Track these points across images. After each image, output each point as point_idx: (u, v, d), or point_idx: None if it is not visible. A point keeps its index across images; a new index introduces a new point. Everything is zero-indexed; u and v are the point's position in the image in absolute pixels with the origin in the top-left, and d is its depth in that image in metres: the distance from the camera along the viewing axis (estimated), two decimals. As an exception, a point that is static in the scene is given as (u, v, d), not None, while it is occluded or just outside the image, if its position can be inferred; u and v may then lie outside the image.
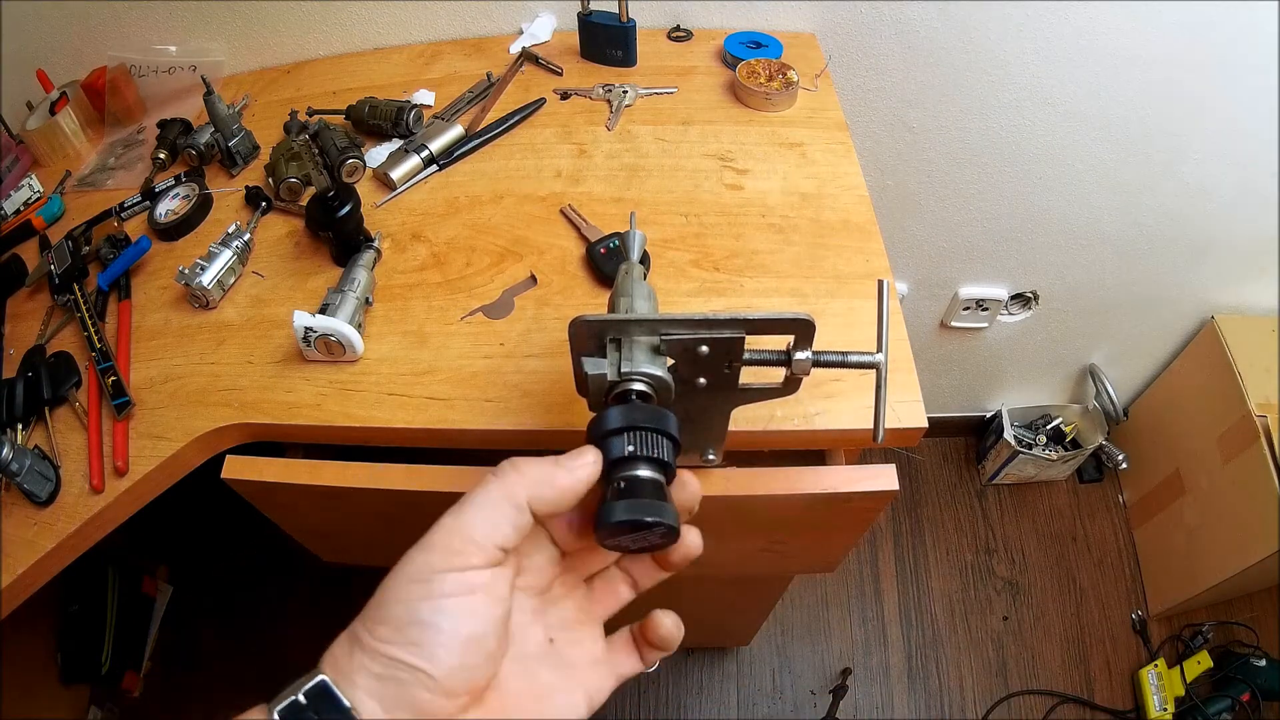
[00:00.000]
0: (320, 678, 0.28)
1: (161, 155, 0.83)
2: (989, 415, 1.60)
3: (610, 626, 0.38)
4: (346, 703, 0.27)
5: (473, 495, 0.31)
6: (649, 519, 0.31)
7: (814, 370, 0.42)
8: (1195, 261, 1.19)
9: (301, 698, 0.27)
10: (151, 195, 0.80)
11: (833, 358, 0.43)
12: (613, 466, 0.33)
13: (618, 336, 0.39)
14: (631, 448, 0.33)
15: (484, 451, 0.57)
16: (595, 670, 0.35)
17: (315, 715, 0.27)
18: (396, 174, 0.76)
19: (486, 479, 0.31)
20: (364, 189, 0.78)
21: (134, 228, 0.79)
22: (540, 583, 0.35)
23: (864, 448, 0.63)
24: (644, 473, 0.33)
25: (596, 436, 0.34)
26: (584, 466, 0.32)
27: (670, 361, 0.39)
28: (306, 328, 0.60)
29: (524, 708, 0.32)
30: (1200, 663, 1.36)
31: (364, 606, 0.29)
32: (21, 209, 0.82)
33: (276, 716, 0.27)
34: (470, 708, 0.29)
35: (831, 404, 0.58)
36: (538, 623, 0.35)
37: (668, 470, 0.34)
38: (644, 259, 0.61)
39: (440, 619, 0.28)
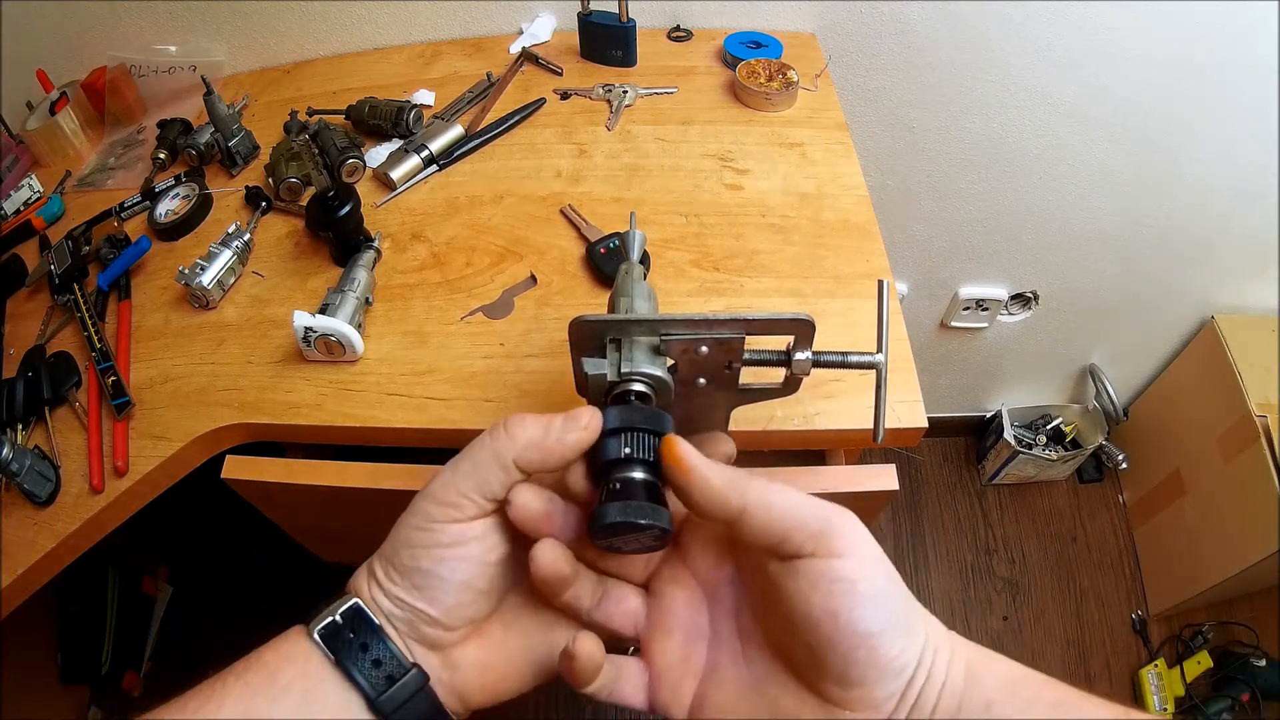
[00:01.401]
0: (354, 600, 0.32)
1: (161, 155, 0.83)
2: (989, 415, 1.60)
3: None
4: (378, 622, 0.31)
5: (467, 451, 0.33)
6: (643, 521, 0.31)
7: (814, 370, 0.42)
8: (1195, 261, 1.19)
9: (339, 618, 0.31)
10: (151, 195, 0.80)
11: (833, 358, 0.43)
12: (608, 468, 0.33)
13: (618, 337, 0.39)
14: (628, 449, 0.33)
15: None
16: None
17: (353, 634, 0.31)
18: (396, 174, 0.76)
19: (481, 437, 0.33)
20: (364, 189, 0.78)
21: (134, 228, 0.79)
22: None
23: (864, 448, 0.63)
24: (639, 475, 0.33)
25: None
26: (574, 432, 0.32)
27: (670, 362, 0.39)
28: (306, 328, 0.60)
29: (528, 642, 0.34)
30: (1200, 663, 1.36)
31: (385, 539, 0.33)
32: (21, 209, 0.82)
33: (317, 636, 0.31)
34: (472, 636, 0.33)
35: (831, 404, 0.58)
36: None
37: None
38: (644, 259, 0.61)
39: (439, 568, 0.31)
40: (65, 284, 0.72)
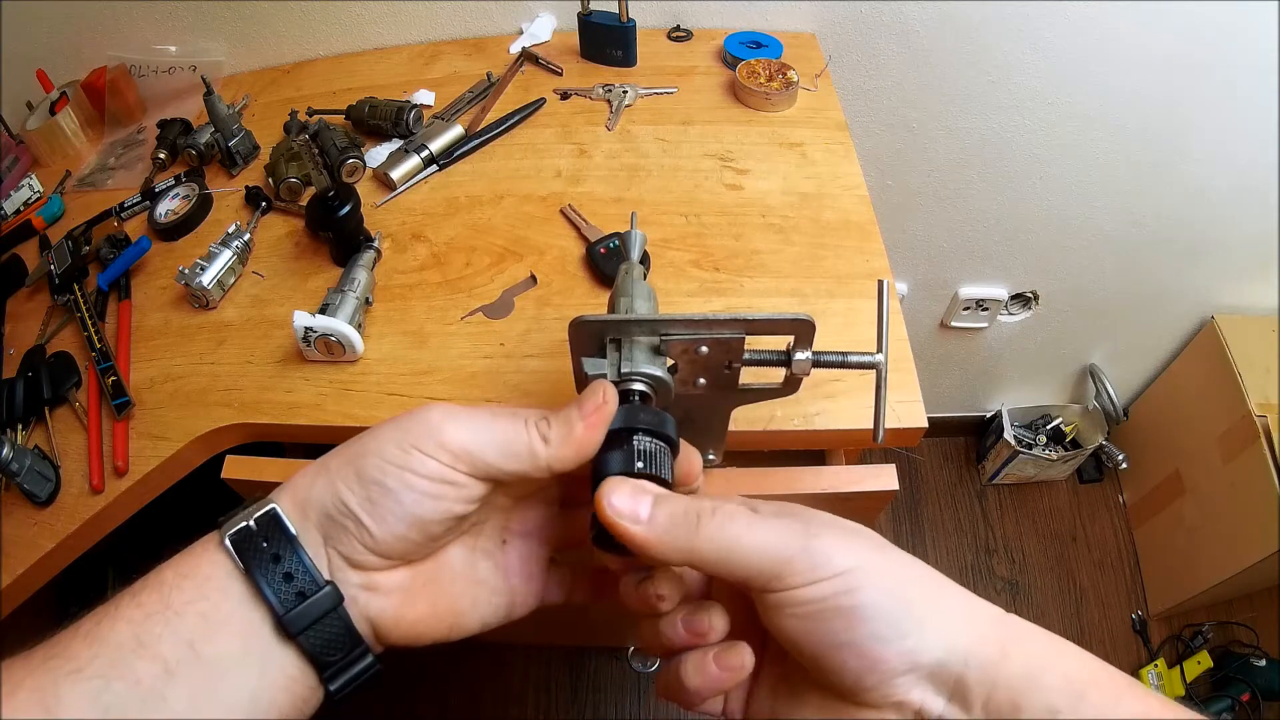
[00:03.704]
0: (271, 505, 0.29)
1: (161, 155, 0.83)
2: (989, 415, 1.60)
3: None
4: (294, 530, 0.29)
5: (499, 424, 0.30)
6: None
7: (814, 370, 0.42)
8: (1195, 261, 1.19)
9: (252, 524, 0.29)
10: (151, 195, 0.80)
11: (833, 358, 0.43)
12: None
13: (618, 337, 0.39)
14: (640, 464, 0.33)
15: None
16: (527, 586, 0.36)
17: (266, 543, 0.28)
18: (396, 174, 0.76)
19: (517, 425, 0.31)
20: (364, 189, 0.78)
21: (134, 228, 0.79)
22: (524, 490, 0.36)
23: (864, 448, 0.63)
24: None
25: None
26: (598, 410, 0.32)
27: (670, 362, 0.39)
28: (306, 328, 0.60)
29: (454, 588, 0.33)
30: (1200, 663, 1.36)
31: (350, 439, 0.30)
32: (21, 209, 0.82)
33: (228, 542, 0.28)
34: (401, 566, 0.31)
35: (831, 404, 0.57)
36: (500, 520, 0.35)
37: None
38: (644, 259, 0.61)
39: (402, 492, 0.29)
40: (65, 284, 0.72)
